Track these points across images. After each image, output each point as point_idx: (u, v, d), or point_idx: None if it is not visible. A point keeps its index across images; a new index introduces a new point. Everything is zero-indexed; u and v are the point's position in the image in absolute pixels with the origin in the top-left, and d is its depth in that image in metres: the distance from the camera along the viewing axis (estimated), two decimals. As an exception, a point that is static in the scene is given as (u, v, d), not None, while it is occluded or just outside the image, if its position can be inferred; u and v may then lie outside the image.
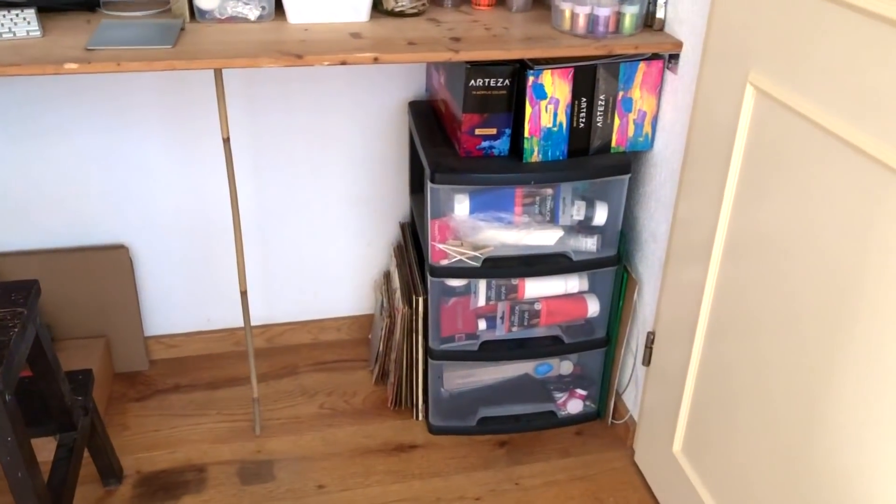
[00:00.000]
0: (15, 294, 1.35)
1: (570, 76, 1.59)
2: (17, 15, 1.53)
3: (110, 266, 2.01)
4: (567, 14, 1.58)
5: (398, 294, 1.92)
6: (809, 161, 1.16)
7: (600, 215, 1.72)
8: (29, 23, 1.52)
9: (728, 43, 1.34)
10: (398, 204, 2.14)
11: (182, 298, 2.14)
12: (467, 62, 1.55)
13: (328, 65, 1.46)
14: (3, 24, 1.50)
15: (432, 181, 1.64)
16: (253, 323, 2.19)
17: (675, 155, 1.61)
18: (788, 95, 1.19)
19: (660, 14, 1.61)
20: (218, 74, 1.53)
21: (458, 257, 1.73)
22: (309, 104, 1.96)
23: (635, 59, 1.60)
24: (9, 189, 1.92)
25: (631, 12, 1.56)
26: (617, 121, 1.66)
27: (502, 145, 1.67)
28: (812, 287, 1.17)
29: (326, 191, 2.08)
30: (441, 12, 1.73)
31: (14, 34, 1.49)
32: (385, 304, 2.04)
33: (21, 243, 1.98)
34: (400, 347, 1.91)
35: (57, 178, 1.93)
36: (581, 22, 1.57)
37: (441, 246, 1.72)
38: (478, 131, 1.66)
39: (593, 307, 1.83)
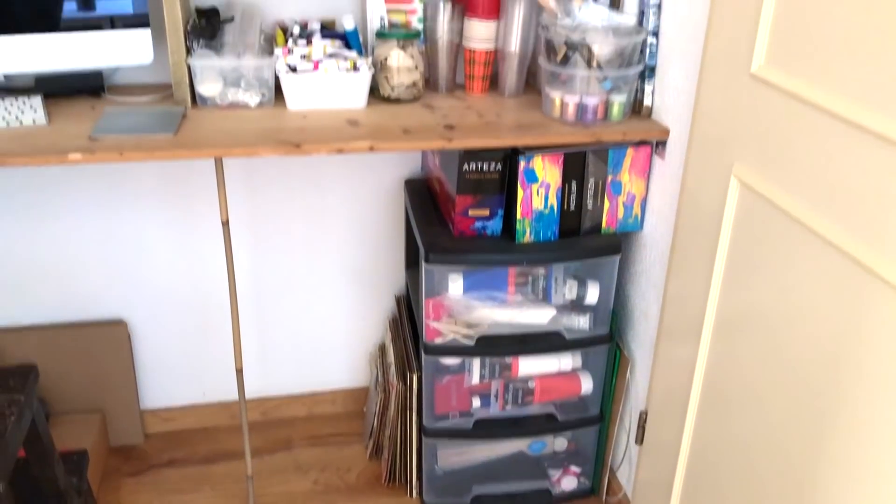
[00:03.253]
0: (13, 380, 1.37)
1: (561, 161, 1.63)
2: (23, 103, 1.58)
3: (108, 341, 2.03)
4: (557, 102, 1.63)
5: (393, 369, 1.93)
6: (791, 254, 1.19)
7: (592, 294, 1.75)
8: (35, 111, 1.56)
9: (712, 136, 1.39)
10: (394, 277, 2.17)
11: (178, 372, 2.15)
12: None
13: (326, 154, 1.50)
14: (9, 112, 1.55)
15: (427, 261, 1.67)
16: (248, 396, 2.20)
17: (664, 236, 1.65)
18: (771, 191, 1.23)
19: (647, 102, 1.66)
20: (218, 161, 1.57)
21: (453, 335, 1.75)
22: (307, 183, 2.00)
23: (624, 144, 1.64)
24: (9, 264, 1.94)
25: (619, 101, 1.61)
26: (607, 203, 1.70)
27: (495, 226, 1.71)
28: (800, 366, 1.19)
29: (323, 265, 2.11)
30: (436, 98, 1.78)
31: (21, 122, 1.53)
32: (380, 378, 2.05)
33: (20, 319, 2.00)
34: (394, 424, 1.92)
35: (58, 254, 1.96)
36: (570, 110, 1.62)
37: (435, 324, 1.74)
38: (471, 212, 1.69)
39: (587, 385, 1.84)
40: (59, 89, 1.68)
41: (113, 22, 1.60)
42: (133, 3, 1.60)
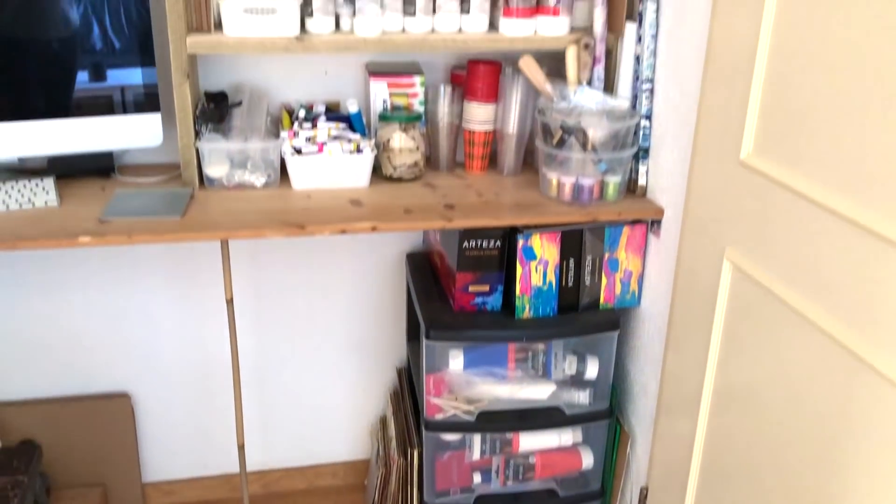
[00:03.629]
0: (17, 460, 1.38)
1: (558, 239, 1.67)
2: (36, 185, 1.63)
3: (112, 414, 2.04)
4: (554, 182, 1.68)
5: (394, 443, 1.94)
6: (783, 337, 1.22)
7: (591, 370, 1.77)
8: (47, 192, 1.61)
9: (704, 219, 1.43)
10: (395, 350, 2.19)
11: (181, 445, 2.16)
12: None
13: (329, 234, 1.54)
14: (22, 195, 1.60)
15: (428, 337, 1.70)
16: (249, 469, 2.20)
17: (662, 312, 1.68)
18: (762, 275, 1.26)
19: (641, 182, 1.70)
20: (224, 242, 1.61)
21: (453, 411, 1.76)
22: (310, 258, 2.04)
23: (620, 223, 1.68)
24: (15, 338, 1.97)
25: (614, 181, 1.66)
26: (604, 280, 1.73)
27: (495, 301, 1.74)
28: (794, 444, 1.21)
29: (325, 338, 2.13)
30: (436, 176, 1.83)
31: (33, 204, 1.58)
32: (381, 452, 2.05)
33: (24, 392, 2.01)
34: (395, 499, 1.91)
35: (63, 328, 1.98)
36: (567, 190, 1.66)
37: (436, 400, 1.76)
38: (471, 288, 1.72)
39: (587, 460, 1.84)
40: (70, 170, 1.73)
41: (124, 106, 1.66)
42: (144, 89, 1.66)
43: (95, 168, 1.76)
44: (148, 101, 1.67)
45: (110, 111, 1.65)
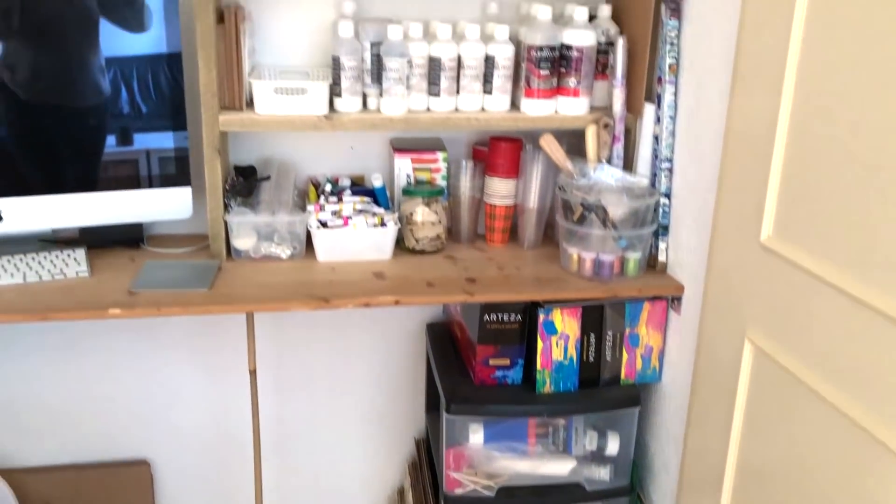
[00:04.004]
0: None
1: (579, 314, 1.68)
2: (68, 255, 1.67)
3: (131, 481, 2.05)
4: (574, 258, 1.70)
5: (412, 516, 1.93)
6: (804, 418, 1.21)
7: (612, 446, 1.76)
8: (79, 263, 1.65)
9: (725, 299, 1.44)
10: (414, 420, 2.19)
11: (197, 513, 2.15)
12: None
13: (353, 307, 1.56)
14: (54, 265, 1.64)
15: (448, 411, 1.70)
16: (266, 539, 2.18)
17: (683, 388, 1.67)
18: (783, 357, 1.26)
19: (661, 258, 1.72)
20: (249, 315, 1.63)
21: (473, 486, 1.75)
22: (331, 328, 2.06)
23: (640, 298, 1.70)
24: (36, 404, 1.99)
25: (634, 258, 1.68)
26: (625, 355, 1.73)
27: (515, 375, 1.74)
28: (820, 545, 1.19)
29: (344, 408, 2.14)
30: (458, 248, 1.86)
31: (65, 275, 1.62)
32: (399, 525, 2.04)
33: (47, 458, 2.03)
34: (413, 574, 1.89)
35: (85, 394, 2.01)
36: (587, 265, 1.68)
37: (455, 475, 1.75)
38: (492, 361, 1.73)
39: (608, 537, 1.82)
40: (101, 240, 1.77)
41: (156, 180, 1.71)
42: (175, 164, 1.71)
43: (125, 238, 1.80)
44: (179, 174, 1.72)
45: (142, 185, 1.70)
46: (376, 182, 1.83)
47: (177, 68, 1.65)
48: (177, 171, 1.72)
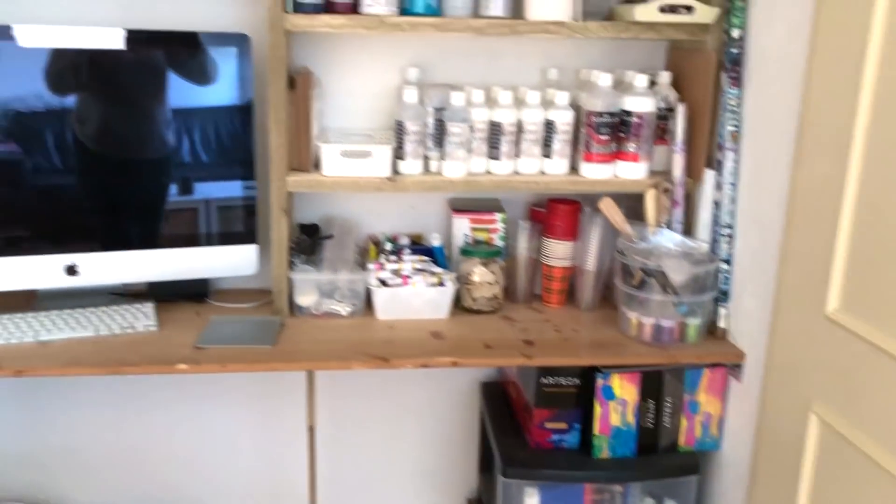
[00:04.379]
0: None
1: (638, 380, 1.67)
2: (137, 309, 1.73)
3: (185, 532, 2.07)
4: (634, 322, 1.69)
5: (464, 579, 1.90)
6: (875, 495, 1.18)
7: (670, 514, 1.73)
8: (147, 317, 1.71)
9: (788, 370, 1.42)
10: (466, 480, 2.18)
11: (249, 567, 2.16)
12: (539, 364, 1.66)
13: (411, 367, 1.58)
14: (124, 319, 1.69)
15: (504, 475, 1.69)
16: None
17: (744, 458, 1.64)
18: (850, 432, 1.24)
19: (722, 324, 1.71)
20: (310, 372, 1.66)
21: (527, 551, 1.73)
22: (386, 384, 2.07)
23: (700, 365, 1.68)
24: (97, 451, 2.04)
25: (694, 324, 1.67)
26: (684, 422, 1.71)
27: (572, 439, 1.73)
28: None
29: (396, 464, 2.14)
30: (514, 309, 1.87)
31: (134, 329, 1.67)
32: (450, 587, 2.01)
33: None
34: None
35: (142, 445, 2.05)
36: (647, 330, 1.68)
37: (510, 538, 1.74)
38: (548, 425, 1.73)
39: None
40: (168, 294, 1.83)
41: (222, 237, 1.77)
42: (243, 223, 1.77)
43: (192, 292, 1.85)
44: (245, 232, 1.77)
45: (211, 241, 1.76)
46: (435, 241, 1.86)
47: (247, 124, 1.71)
48: (244, 228, 1.77)
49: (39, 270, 1.66)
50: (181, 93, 1.68)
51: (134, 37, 1.61)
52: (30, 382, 1.98)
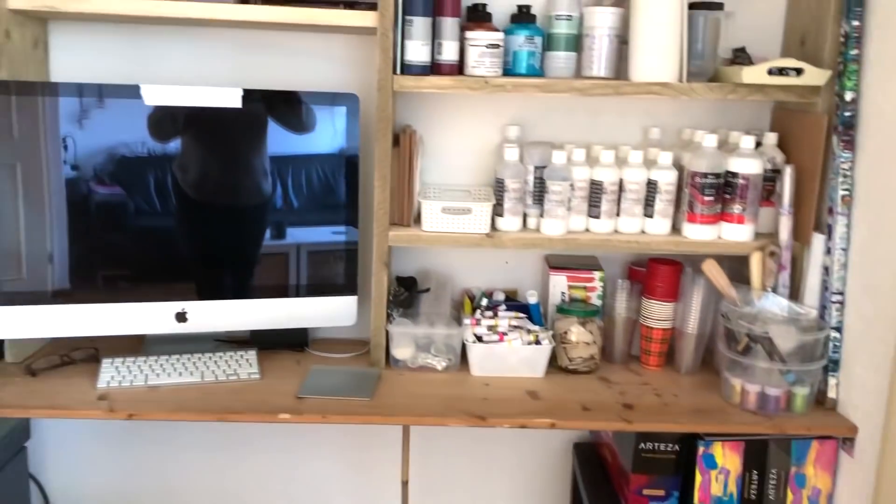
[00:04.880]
0: None
1: (741, 449, 1.62)
2: (241, 356, 1.78)
3: (274, 578, 2.09)
4: (737, 389, 1.64)
5: None
6: None
7: (774, 593, 1.65)
8: (251, 365, 1.75)
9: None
10: (556, 540, 2.14)
11: None
12: (638, 429, 1.63)
13: (508, 427, 1.57)
14: (228, 366, 1.74)
15: (598, 540, 1.65)
16: None
17: (856, 538, 1.56)
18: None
19: (831, 394, 1.64)
20: (406, 427, 1.67)
21: None
22: (476, 439, 2.06)
23: (808, 437, 1.61)
24: (189, 496, 2.09)
25: (802, 393, 1.61)
26: (790, 495, 1.64)
27: (670, 506, 1.68)
28: None
29: (486, 523, 2.12)
30: (611, 370, 1.84)
31: (238, 376, 1.72)
32: None
33: (197, 548, 2.11)
34: None
35: (231, 492, 2.08)
36: (752, 398, 1.62)
37: None
38: (645, 491, 1.68)
39: None
40: (269, 342, 1.88)
41: (325, 289, 1.81)
42: (345, 274, 1.81)
43: (292, 341, 1.90)
44: (346, 284, 1.81)
45: (313, 292, 1.80)
46: (531, 299, 1.85)
47: (352, 180, 1.76)
48: (345, 280, 1.81)
49: (152, 316, 1.73)
50: (289, 146, 1.75)
51: (250, 95, 1.69)
52: (132, 423, 2.05)
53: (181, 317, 1.75)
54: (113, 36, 1.83)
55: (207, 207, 1.76)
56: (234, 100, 1.67)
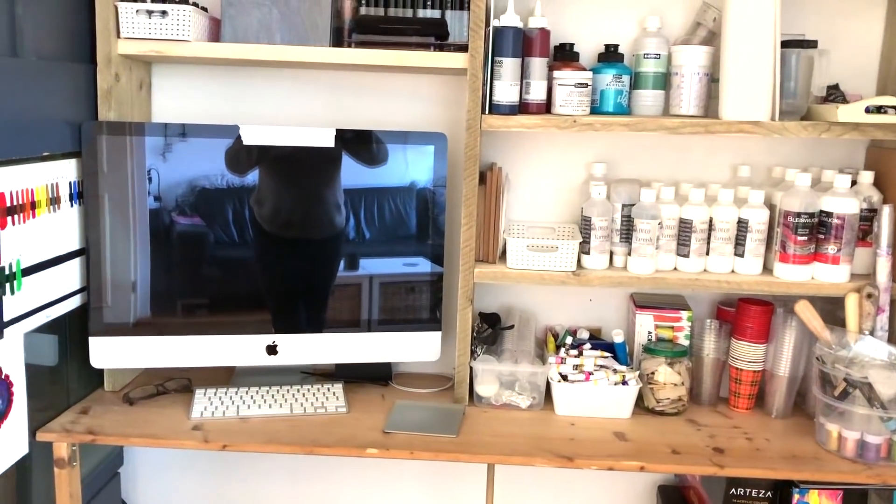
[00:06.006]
0: None
1: (839, 499, 1.56)
2: (328, 389, 1.81)
3: None
4: (834, 435, 1.59)
5: None
6: None
7: None
8: (338, 398, 1.78)
9: None
10: (638, 585, 2.09)
11: None
12: (730, 474, 1.59)
13: (597, 469, 1.55)
14: (316, 398, 1.77)
15: (687, 588, 1.61)
16: None
17: None
18: None
19: (937, 444, 1.57)
20: (490, 465, 1.67)
21: None
22: (562, 477, 2.04)
23: (912, 488, 1.55)
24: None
25: (905, 442, 1.55)
26: (892, 549, 1.57)
27: (761, 555, 1.63)
28: None
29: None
30: (699, 412, 1.80)
31: (325, 409, 1.74)
32: None
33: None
34: None
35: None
36: (849, 445, 1.57)
37: None
38: (736, 538, 1.63)
39: None
40: (354, 375, 1.90)
41: (410, 324, 1.83)
42: (430, 309, 1.82)
43: (377, 375, 1.92)
44: (431, 319, 1.83)
45: (398, 327, 1.82)
46: (617, 338, 1.84)
47: (440, 218, 1.78)
48: (429, 315, 1.83)
49: (244, 349, 1.78)
50: (376, 181, 1.78)
51: (343, 135, 1.73)
52: (222, 452, 2.09)
53: (272, 349, 1.79)
54: (211, 78, 1.91)
55: (284, 240, 1.79)
56: (327, 140, 1.72)
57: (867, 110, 1.60)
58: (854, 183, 1.74)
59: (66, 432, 1.60)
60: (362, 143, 1.75)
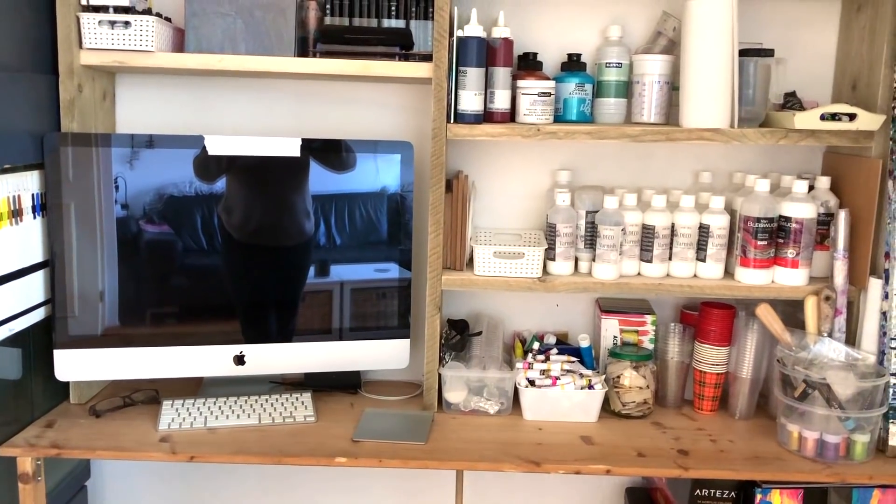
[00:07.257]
0: None
1: (800, 497, 1.59)
2: (297, 399, 1.81)
3: None
4: (794, 435, 1.63)
5: None
6: None
7: None
8: (306, 408, 1.78)
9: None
10: (608, 587, 2.11)
11: None
12: (694, 475, 1.61)
13: (563, 473, 1.57)
14: (285, 408, 1.77)
15: (654, 589, 1.63)
16: None
17: (921, 591, 1.52)
18: None
19: (892, 441, 1.61)
20: (460, 471, 1.68)
21: None
22: (530, 480, 2.06)
23: (870, 486, 1.59)
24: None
25: (862, 440, 1.58)
26: (852, 546, 1.61)
27: (726, 555, 1.66)
28: None
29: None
30: (665, 415, 1.83)
31: (294, 419, 1.74)
32: None
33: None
34: None
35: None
36: (809, 445, 1.60)
37: None
38: (701, 538, 1.66)
39: None
40: (323, 384, 1.90)
41: (379, 332, 1.83)
42: (398, 317, 1.83)
43: (345, 383, 1.92)
44: (399, 327, 1.84)
45: (367, 336, 1.83)
46: (583, 343, 1.86)
47: (406, 226, 1.79)
48: (398, 323, 1.84)
49: (211, 359, 1.77)
50: (340, 188, 1.78)
51: (309, 144, 1.74)
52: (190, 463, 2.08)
53: (239, 360, 1.79)
54: (175, 88, 1.90)
55: (253, 248, 1.79)
56: (293, 149, 1.73)
57: (822, 118, 1.64)
58: (812, 188, 1.78)
59: (30, 446, 1.58)
60: (329, 152, 1.76)
